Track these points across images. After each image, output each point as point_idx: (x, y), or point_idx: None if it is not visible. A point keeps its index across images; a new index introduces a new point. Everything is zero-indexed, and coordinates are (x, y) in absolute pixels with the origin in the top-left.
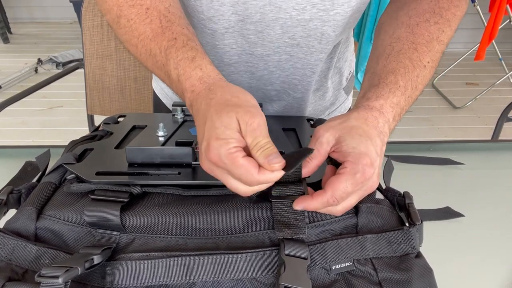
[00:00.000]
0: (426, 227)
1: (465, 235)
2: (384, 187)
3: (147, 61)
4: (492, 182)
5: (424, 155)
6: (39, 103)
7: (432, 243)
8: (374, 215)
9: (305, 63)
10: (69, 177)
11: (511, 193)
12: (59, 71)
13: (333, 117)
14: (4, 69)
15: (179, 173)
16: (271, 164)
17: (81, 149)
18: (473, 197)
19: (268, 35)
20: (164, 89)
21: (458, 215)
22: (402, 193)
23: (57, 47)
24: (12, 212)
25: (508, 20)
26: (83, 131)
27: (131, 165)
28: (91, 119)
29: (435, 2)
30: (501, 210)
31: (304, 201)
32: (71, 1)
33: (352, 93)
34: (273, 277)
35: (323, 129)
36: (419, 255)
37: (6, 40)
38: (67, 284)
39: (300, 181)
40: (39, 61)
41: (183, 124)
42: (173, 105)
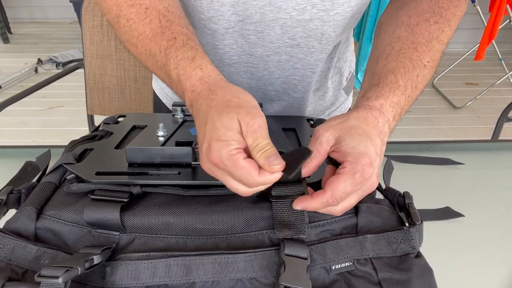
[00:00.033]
0: (426, 227)
1: (465, 235)
2: (384, 187)
3: (147, 61)
4: (492, 182)
5: (424, 155)
6: (39, 103)
7: (432, 243)
8: (374, 215)
9: (305, 63)
10: (69, 177)
11: (511, 193)
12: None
13: (333, 116)
14: (4, 69)
15: (179, 173)
16: (271, 165)
17: (81, 149)
18: (473, 197)
19: (268, 35)
20: (164, 89)
21: (458, 215)
22: (402, 193)
23: (57, 47)
24: (12, 212)
25: (508, 20)
26: (83, 131)
27: (131, 165)
28: (91, 119)
29: (435, 1)
30: (501, 210)
31: (303, 201)
32: (71, 1)
33: (352, 93)
34: (273, 277)
35: (322, 128)
36: (419, 255)
37: (6, 40)
38: (67, 284)
39: (300, 181)
40: (39, 61)
41: (183, 124)
42: (173, 105)
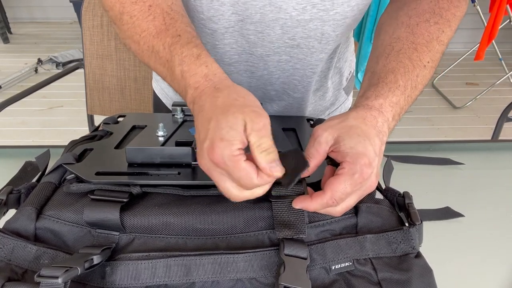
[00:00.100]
0: (426, 227)
1: (465, 235)
2: (384, 187)
3: (149, 58)
4: (492, 182)
5: (424, 155)
6: (39, 103)
7: (432, 243)
8: (373, 215)
9: (305, 63)
10: (68, 177)
11: (511, 193)
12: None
13: (332, 116)
14: (4, 69)
15: (179, 173)
16: (272, 171)
17: (81, 149)
18: (473, 197)
19: (268, 35)
20: (164, 89)
21: (458, 215)
22: (402, 193)
23: (57, 47)
24: (12, 212)
25: (508, 20)
26: (83, 131)
27: (131, 165)
28: (91, 119)
29: (435, 2)
30: (501, 210)
31: (303, 201)
32: (71, 1)
33: (352, 93)
34: (272, 277)
35: (321, 128)
36: (419, 255)
37: (6, 40)
38: (67, 284)
39: (299, 181)
40: (39, 61)
41: (183, 124)
42: (173, 105)
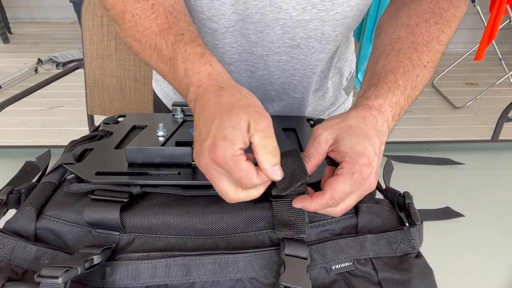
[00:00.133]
0: (426, 227)
1: (465, 235)
2: (384, 187)
3: (150, 56)
4: (492, 182)
5: (424, 155)
6: (39, 103)
7: (432, 243)
8: (374, 215)
9: (305, 64)
10: (69, 177)
11: (511, 193)
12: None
13: (332, 116)
14: (4, 69)
15: (179, 173)
16: (273, 174)
17: (81, 149)
18: (473, 197)
19: (268, 35)
20: (164, 89)
21: (458, 215)
22: (402, 193)
23: (57, 47)
24: (12, 212)
25: (508, 20)
26: (83, 131)
27: (131, 165)
28: (91, 119)
29: (435, 2)
30: (501, 210)
31: (303, 201)
32: (71, 1)
33: (352, 93)
34: (273, 277)
35: (321, 128)
36: (419, 255)
37: (6, 40)
38: (67, 284)
39: None
40: (39, 61)
41: (183, 124)
42: (173, 105)
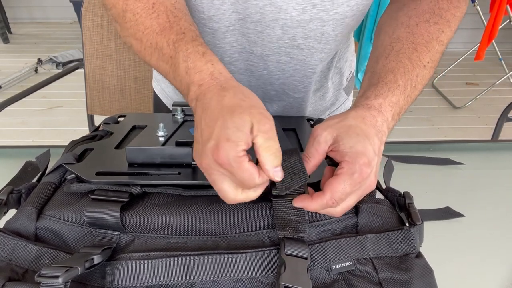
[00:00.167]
0: (426, 227)
1: (465, 235)
2: (384, 187)
3: (151, 55)
4: (492, 182)
5: (424, 155)
6: (39, 103)
7: (432, 243)
8: (374, 215)
9: (305, 64)
10: (69, 177)
11: (511, 193)
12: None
13: (331, 116)
14: (4, 69)
15: (179, 173)
16: (274, 176)
17: (81, 149)
18: (473, 197)
19: (268, 35)
20: (164, 89)
21: (458, 215)
22: (402, 193)
23: (57, 47)
24: (12, 212)
25: (508, 20)
26: (83, 131)
27: (131, 165)
28: (91, 119)
29: (435, 2)
30: (501, 210)
31: (303, 200)
32: (71, 1)
33: (352, 93)
34: (273, 276)
35: (321, 128)
36: (419, 255)
37: (6, 40)
38: (67, 284)
39: None
40: (39, 61)
41: (183, 124)
42: (173, 105)
